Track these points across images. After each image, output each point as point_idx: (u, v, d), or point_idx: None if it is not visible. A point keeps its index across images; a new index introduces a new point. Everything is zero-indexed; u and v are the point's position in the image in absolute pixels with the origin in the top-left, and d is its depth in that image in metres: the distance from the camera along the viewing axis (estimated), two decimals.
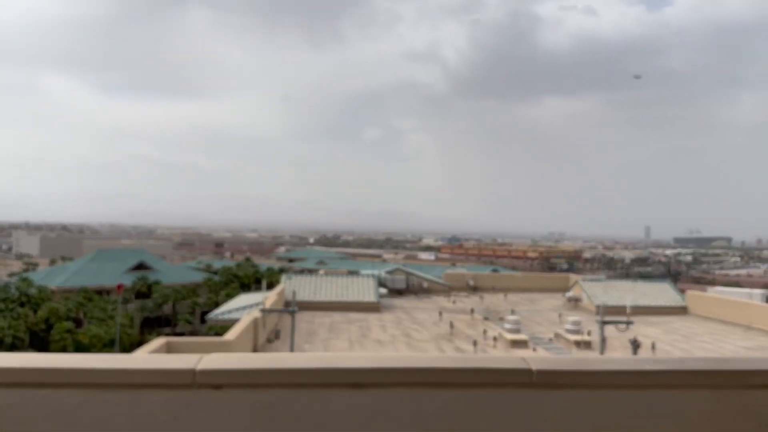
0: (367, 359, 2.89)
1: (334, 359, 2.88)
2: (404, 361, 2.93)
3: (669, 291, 36.27)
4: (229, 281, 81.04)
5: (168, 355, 2.99)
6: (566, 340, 24.33)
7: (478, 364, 2.94)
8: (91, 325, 51.38)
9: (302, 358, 2.97)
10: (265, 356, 3.03)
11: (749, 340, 25.74)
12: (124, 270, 74.64)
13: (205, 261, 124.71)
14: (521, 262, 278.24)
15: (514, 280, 48.69)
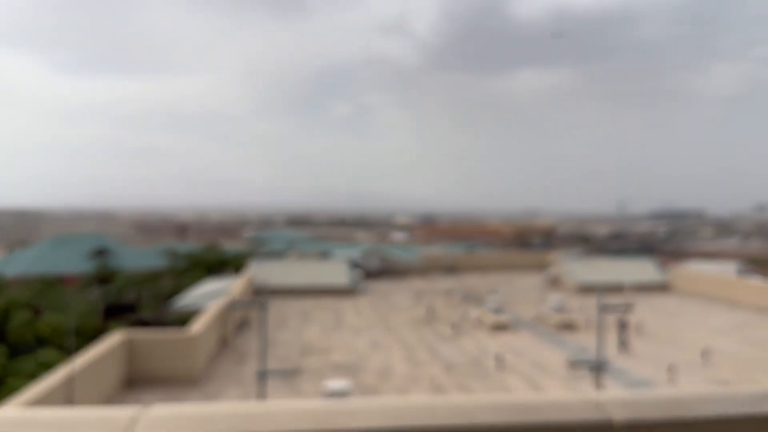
0: (380, 411, 1.80)
1: (332, 415, 1.79)
2: (435, 415, 1.85)
3: (650, 268, 35.78)
4: (194, 266, 79.15)
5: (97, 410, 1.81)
6: (549, 320, 23.52)
7: (542, 417, 1.87)
8: (51, 315, 49.56)
9: (283, 413, 1.85)
10: (231, 410, 1.89)
11: (733, 317, 25.25)
12: (83, 256, 72.40)
13: (169, 245, 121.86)
14: (496, 240, 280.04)
15: (491, 258, 47.95)
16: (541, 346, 19.73)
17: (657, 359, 17.78)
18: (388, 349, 18.94)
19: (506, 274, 41.54)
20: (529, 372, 16.29)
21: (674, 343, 20.21)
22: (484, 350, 18.88)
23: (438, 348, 19.18)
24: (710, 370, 16.49)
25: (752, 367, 16.86)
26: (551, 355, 18.35)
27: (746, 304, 27.11)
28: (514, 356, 18.12)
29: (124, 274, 69.11)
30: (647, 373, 16.21)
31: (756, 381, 15.50)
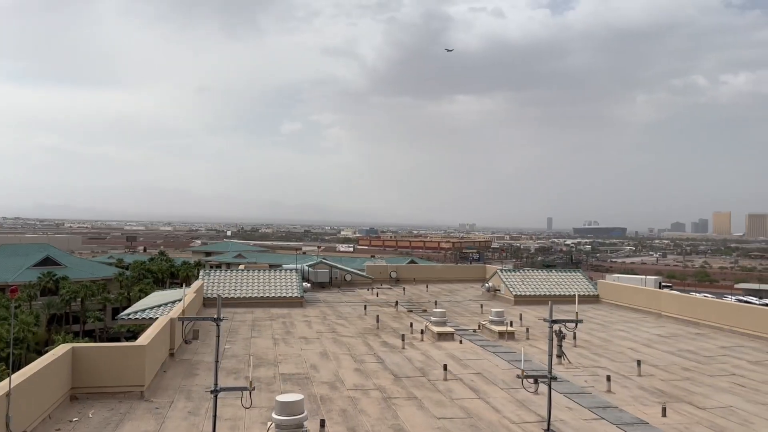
0: None
1: None
2: None
3: (581, 280, 37.61)
4: (142, 276, 77.03)
5: None
6: (490, 331, 24.46)
7: None
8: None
9: None
10: None
11: (661, 328, 26.98)
12: (28, 265, 69.51)
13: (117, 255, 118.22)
14: (436, 253, 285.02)
15: (433, 271, 49.06)
16: (485, 355, 20.57)
17: (593, 369, 18.91)
18: (338, 360, 19.30)
19: (447, 286, 42.61)
20: (474, 381, 17.03)
21: (608, 353, 21.49)
22: (430, 360, 19.52)
23: (386, 358, 19.68)
24: (644, 379, 17.70)
25: (683, 377, 18.18)
26: (494, 364, 19.19)
27: (671, 315, 28.98)
28: (460, 366, 18.84)
29: (71, 284, 66.53)
30: (585, 382, 17.26)
31: (688, 391, 16.76)
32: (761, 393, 16.22)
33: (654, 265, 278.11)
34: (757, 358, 20.85)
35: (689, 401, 15.43)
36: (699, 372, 18.71)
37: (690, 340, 24.04)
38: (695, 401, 15.44)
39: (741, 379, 17.77)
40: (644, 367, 18.75)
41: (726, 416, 14.18)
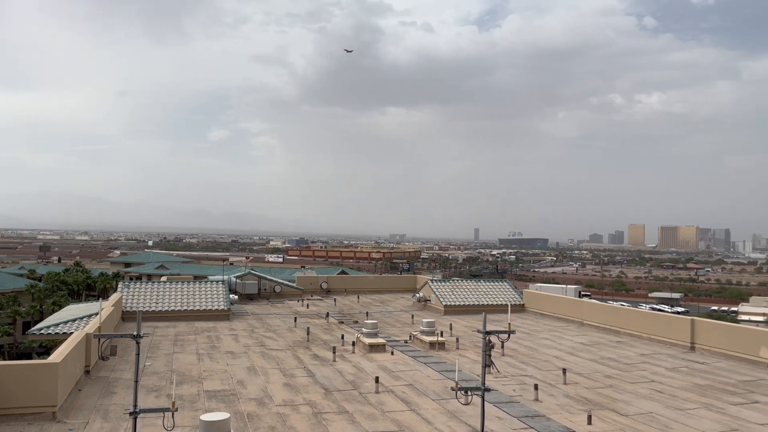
0: None
1: None
2: None
3: (508, 290, 38.43)
4: (56, 288, 72.89)
5: None
6: (421, 342, 24.49)
7: None
8: None
9: None
10: None
11: (584, 336, 27.85)
12: None
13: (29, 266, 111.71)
14: (367, 263, 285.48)
15: (364, 281, 48.88)
16: (416, 366, 20.52)
17: (521, 378, 19.21)
18: (266, 375, 18.73)
19: (379, 297, 42.53)
20: (406, 393, 16.91)
21: (534, 361, 21.93)
22: (362, 373, 19.28)
23: (317, 372, 19.28)
24: (569, 387, 18.12)
25: (606, 384, 18.72)
26: (426, 375, 19.16)
27: (593, 324, 29.99)
28: (391, 378, 18.70)
29: None
30: (513, 391, 17.48)
31: (611, 398, 17.25)
32: (678, 399, 16.93)
33: (574, 275, 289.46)
34: (673, 364, 21.82)
35: (612, 408, 15.88)
36: (620, 379, 19.35)
37: (611, 348, 24.91)
38: (618, 408, 15.91)
39: (659, 386, 18.49)
40: (569, 375, 19.22)
41: (647, 422, 14.67)
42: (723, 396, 17.23)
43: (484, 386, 10.58)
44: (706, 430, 14.08)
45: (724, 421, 14.80)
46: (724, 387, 18.34)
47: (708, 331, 24.26)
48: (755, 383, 18.88)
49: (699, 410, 15.73)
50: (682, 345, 24.62)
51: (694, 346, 24.27)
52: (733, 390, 17.97)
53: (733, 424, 14.51)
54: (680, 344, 24.73)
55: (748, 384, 18.76)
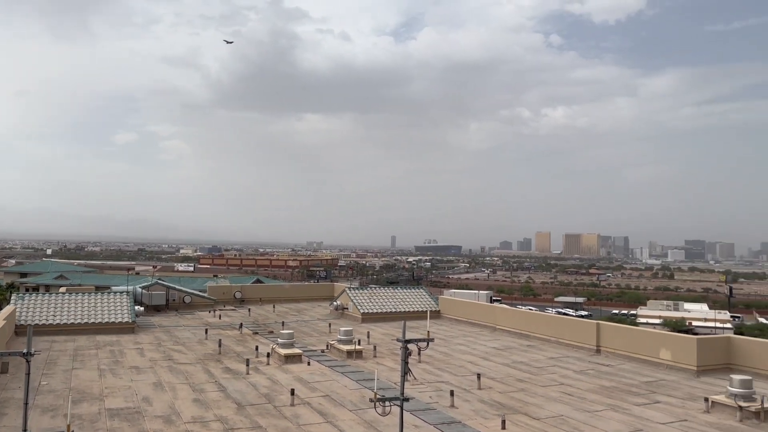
0: None
1: None
2: None
3: (424, 296, 38.83)
4: None
5: None
6: (339, 351, 24.17)
7: None
8: None
9: None
10: None
11: (497, 341, 28.48)
12: None
13: None
14: (283, 271, 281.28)
15: (280, 290, 47.96)
16: (333, 376, 20.17)
17: (436, 384, 19.30)
18: (174, 391, 17.78)
19: (295, 305, 41.79)
20: (322, 404, 16.54)
21: (450, 367, 22.13)
22: (276, 385, 18.72)
23: (228, 386, 18.53)
24: (484, 392, 18.37)
25: (518, 388, 19.13)
26: (343, 385, 18.86)
27: (504, 329, 30.75)
28: (308, 389, 18.25)
29: None
30: (430, 398, 17.51)
31: (523, 402, 17.60)
32: (587, 401, 17.54)
33: (486, 281, 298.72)
34: (581, 367, 22.67)
35: (525, 412, 16.21)
36: (532, 383, 19.85)
37: (522, 352, 25.59)
38: (530, 412, 16.26)
39: (569, 388, 19.12)
40: (483, 379, 19.51)
41: (558, 425, 15.07)
42: (628, 397, 18.02)
43: (403, 396, 10.44)
44: (613, 431, 14.63)
45: (629, 421, 15.44)
46: (629, 388, 19.21)
47: (612, 335, 25.42)
48: (656, 384, 19.90)
49: (606, 411, 16.35)
50: (589, 348, 25.66)
51: (599, 348, 25.35)
52: (637, 391, 18.84)
53: (637, 424, 15.16)
54: (587, 347, 25.76)
55: (650, 384, 19.75)
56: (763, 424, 15.01)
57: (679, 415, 15.99)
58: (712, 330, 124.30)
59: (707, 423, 15.28)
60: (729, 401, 15.78)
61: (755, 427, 14.88)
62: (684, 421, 15.42)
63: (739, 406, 15.38)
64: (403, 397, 10.42)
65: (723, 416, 15.72)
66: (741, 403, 15.43)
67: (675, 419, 15.63)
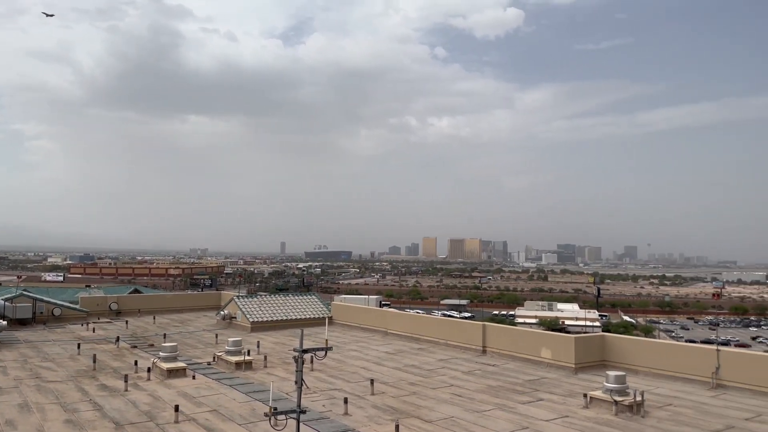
0: None
1: None
2: None
3: (316, 303, 38.39)
4: None
5: None
6: (227, 362, 23.20)
7: None
8: None
9: None
10: None
11: (389, 345, 28.66)
12: None
13: None
14: (163, 280, 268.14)
15: (161, 300, 45.48)
16: (221, 389, 19.30)
17: (330, 392, 19.02)
18: (42, 412, 16.17)
19: (178, 316, 39.80)
20: (209, 420, 15.73)
21: (343, 374, 21.94)
22: (159, 401, 17.58)
23: (105, 404, 17.15)
24: (377, 398, 18.33)
25: (411, 392, 19.27)
26: (231, 398, 18.07)
27: (396, 333, 31.06)
28: (193, 404, 17.30)
29: None
30: (323, 407, 17.19)
31: (416, 405, 17.72)
32: (475, 401, 18.01)
33: (375, 285, 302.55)
34: (469, 368, 23.32)
35: (417, 416, 16.35)
36: (423, 385, 20.12)
37: (414, 356, 25.94)
38: (422, 415, 16.42)
39: (458, 390, 19.56)
40: (377, 385, 19.49)
41: (449, 427, 15.32)
42: (513, 396, 18.73)
43: (299, 408, 10.08)
44: (501, 430, 15.09)
45: (516, 419, 16.02)
46: (514, 387, 19.98)
47: (497, 335, 26.41)
48: (539, 382, 20.87)
49: (494, 411, 16.86)
50: (475, 349, 26.49)
51: (485, 349, 26.25)
52: (521, 389, 19.64)
53: (523, 422, 15.76)
54: (474, 348, 26.58)
55: (533, 383, 20.67)
56: (636, 417, 16.16)
57: (561, 412, 16.83)
58: (582, 328, 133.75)
59: (586, 418, 16.20)
60: (605, 396, 16.83)
61: (629, 419, 15.97)
62: (566, 417, 16.24)
63: (615, 400, 16.44)
64: (299, 409, 10.06)
65: (600, 411, 16.74)
66: (616, 397, 16.50)
67: (557, 415, 16.42)
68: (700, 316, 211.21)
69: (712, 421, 15.82)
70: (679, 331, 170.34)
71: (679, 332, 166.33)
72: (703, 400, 17.97)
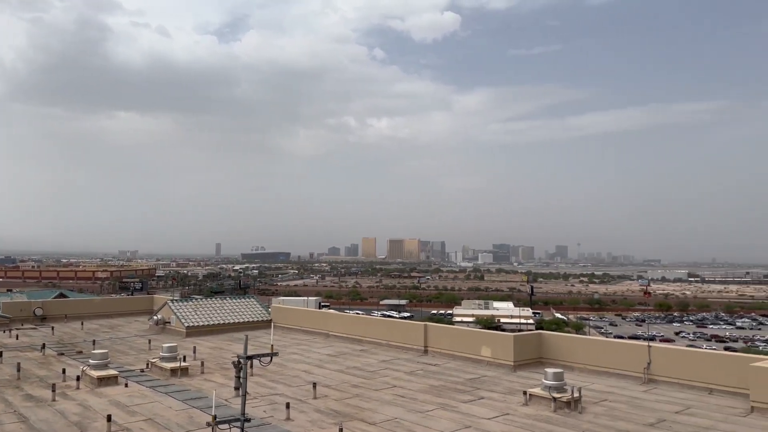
0: None
1: None
2: None
3: (255, 305, 37.62)
4: None
5: None
6: (161, 369, 22.36)
7: None
8: None
9: None
10: None
11: (330, 348, 28.39)
12: None
13: None
14: (91, 284, 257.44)
15: (90, 305, 43.48)
16: (156, 397, 18.56)
17: (271, 397, 18.62)
18: None
19: (108, 321, 38.18)
20: (144, 429, 15.09)
21: (284, 378, 21.54)
22: (89, 411, 16.72)
23: (31, 415, 16.18)
24: (319, 401, 18.06)
25: (353, 394, 19.11)
26: (167, 406, 17.40)
27: (337, 334, 30.83)
28: (126, 414, 16.55)
29: None
30: (264, 412, 16.80)
31: (359, 407, 17.56)
32: (418, 401, 18.04)
33: (315, 287, 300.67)
34: (411, 368, 23.38)
35: (361, 418, 16.21)
36: (366, 387, 20.00)
37: (356, 357, 25.79)
38: (366, 417, 16.30)
39: (401, 390, 19.55)
40: (319, 388, 19.23)
41: (393, 429, 15.26)
42: (455, 395, 18.87)
43: (244, 416, 9.76)
44: (444, 430, 15.15)
45: (458, 419, 16.13)
46: (455, 386, 20.15)
47: (438, 335, 26.61)
48: (479, 380, 21.13)
49: (437, 411, 16.93)
50: (417, 349, 26.60)
51: (427, 349, 26.40)
52: (463, 388, 19.82)
53: (465, 421, 15.89)
54: (415, 348, 26.69)
55: (474, 381, 20.92)
56: (574, 413, 16.58)
57: (501, 409, 17.08)
58: (517, 326, 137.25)
59: (526, 415, 16.50)
60: (544, 393, 17.19)
61: (567, 416, 16.36)
62: (506, 415, 16.49)
63: (553, 397, 16.83)
64: (244, 417, 9.74)
65: (539, 407, 17.09)
66: (554, 394, 16.89)
67: (498, 413, 16.66)
68: (627, 313, 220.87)
69: (645, 415, 16.43)
70: (608, 327, 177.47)
71: (608, 328, 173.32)
72: (636, 395, 18.65)
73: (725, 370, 18.47)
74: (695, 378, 19.01)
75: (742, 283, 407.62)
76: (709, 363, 19.25)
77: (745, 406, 16.85)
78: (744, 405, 16.95)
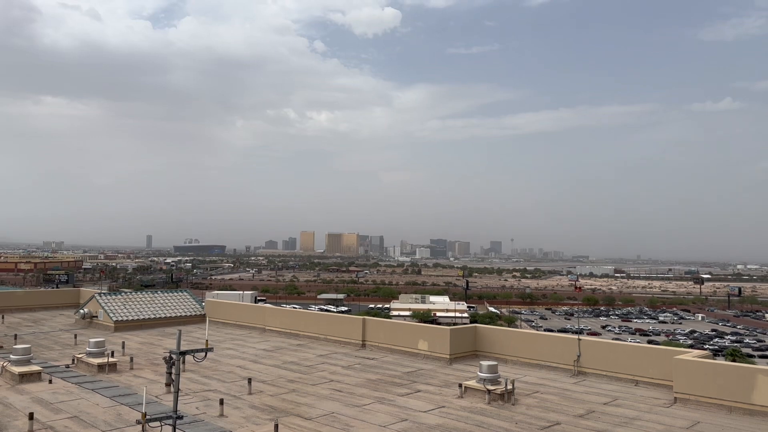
0: None
1: None
2: None
3: (188, 299, 36.63)
4: None
5: None
6: (88, 365, 21.45)
7: None
8: None
9: None
10: None
11: (266, 342, 27.98)
12: None
13: None
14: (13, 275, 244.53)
15: (11, 297, 41.15)
16: (82, 394, 17.79)
17: (204, 393, 18.18)
18: None
19: (31, 315, 36.34)
20: (69, 428, 14.43)
21: (218, 374, 21.09)
22: (10, 409, 15.86)
23: None
24: (255, 397, 17.77)
25: (290, 389, 18.89)
26: (94, 403, 16.70)
27: (274, 329, 30.41)
28: (50, 411, 15.80)
29: None
30: (197, 409, 16.39)
31: (295, 403, 17.38)
32: (356, 396, 18.04)
33: (251, 281, 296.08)
34: (349, 362, 23.35)
35: (297, 413, 16.06)
36: (303, 382, 19.83)
37: (293, 352, 25.54)
38: (302, 413, 16.16)
39: (338, 385, 19.50)
40: (254, 383, 18.93)
41: (330, 423, 15.19)
42: (392, 388, 18.98)
43: (176, 413, 9.46)
44: (381, 424, 15.20)
45: (395, 412, 16.23)
46: (392, 380, 20.26)
47: (376, 329, 26.68)
48: (416, 373, 21.33)
49: (374, 405, 16.98)
50: (355, 343, 26.59)
51: (365, 343, 26.43)
52: (400, 382, 19.97)
53: (402, 414, 16.00)
54: (353, 343, 26.67)
55: (411, 375, 21.10)
56: (507, 405, 16.98)
57: (437, 402, 17.30)
58: (453, 320, 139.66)
59: (461, 407, 16.77)
60: (479, 386, 17.52)
61: (500, 408, 16.74)
62: (442, 408, 16.72)
63: (488, 389, 17.18)
64: (176, 414, 9.44)
65: (474, 400, 17.42)
66: (489, 386, 17.24)
67: (434, 406, 16.86)
68: (557, 307, 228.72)
69: (575, 406, 17.02)
70: (539, 320, 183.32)
71: (539, 322, 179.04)
72: (566, 387, 19.29)
73: (650, 363, 19.35)
74: (622, 370, 19.84)
75: (664, 279, 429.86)
76: (635, 356, 20.12)
77: (669, 397, 17.72)
78: (668, 396, 17.83)
